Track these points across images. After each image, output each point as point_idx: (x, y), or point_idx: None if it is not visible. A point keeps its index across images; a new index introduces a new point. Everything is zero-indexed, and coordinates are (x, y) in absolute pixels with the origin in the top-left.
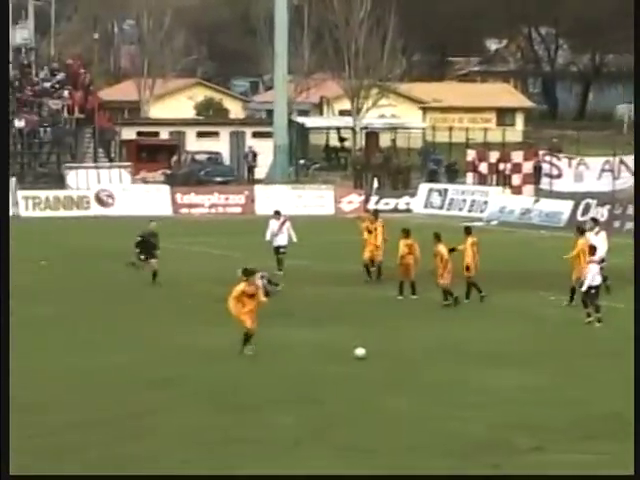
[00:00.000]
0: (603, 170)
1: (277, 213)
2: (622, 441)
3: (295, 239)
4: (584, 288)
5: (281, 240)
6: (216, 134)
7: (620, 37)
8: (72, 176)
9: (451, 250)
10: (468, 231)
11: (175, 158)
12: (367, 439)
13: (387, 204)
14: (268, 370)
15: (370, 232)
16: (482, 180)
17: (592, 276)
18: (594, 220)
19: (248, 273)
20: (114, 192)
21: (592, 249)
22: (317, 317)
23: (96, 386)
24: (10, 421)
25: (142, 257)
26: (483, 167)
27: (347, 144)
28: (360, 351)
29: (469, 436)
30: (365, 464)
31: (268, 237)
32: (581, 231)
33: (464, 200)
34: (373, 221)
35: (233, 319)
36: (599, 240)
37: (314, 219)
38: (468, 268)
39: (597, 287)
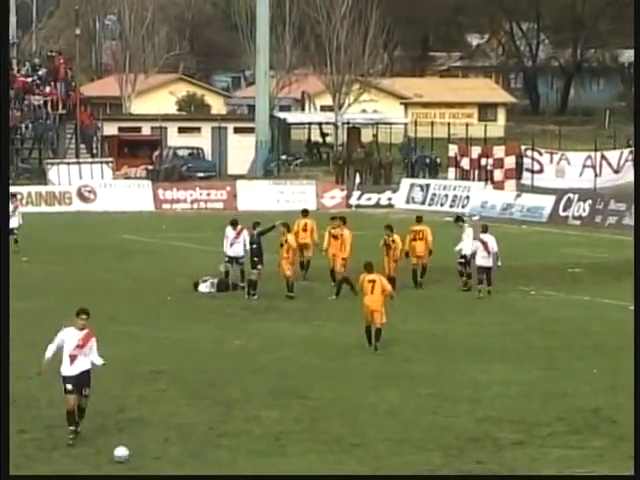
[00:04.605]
0: (585, 166)
1: (234, 223)
2: (604, 436)
3: (247, 249)
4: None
5: (238, 250)
6: (198, 129)
7: (601, 32)
8: (54, 172)
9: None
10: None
11: (157, 153)
12: (353, 433)
13: (369, 199)
14: (253, 364)
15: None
16: (464, 175)
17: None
18: (460, 219)
19: None
20: (96, 188)
21: (484, 227)
22: (303, 311)
23: None
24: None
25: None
26: (465, 162)
27: (329, 139)
28: (121, 452)
29: (456, 431)
30: (350, 459)
31: (226, 248)
32: (390, 228)
33: (446, 195)
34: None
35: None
36: (464, 236)
37: (296, 215)
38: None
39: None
